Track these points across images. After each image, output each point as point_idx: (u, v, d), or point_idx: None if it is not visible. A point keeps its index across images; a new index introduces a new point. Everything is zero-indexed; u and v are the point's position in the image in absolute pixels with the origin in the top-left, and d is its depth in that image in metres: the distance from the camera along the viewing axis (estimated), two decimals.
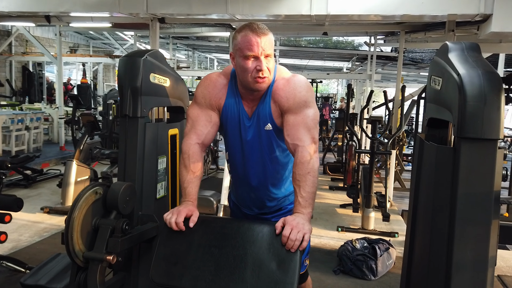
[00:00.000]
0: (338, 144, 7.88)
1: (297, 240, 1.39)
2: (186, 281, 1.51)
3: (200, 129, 1.68)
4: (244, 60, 1.52)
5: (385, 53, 11.25)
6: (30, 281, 2.35)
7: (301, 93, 1.59)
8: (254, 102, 1.65)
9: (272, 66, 1.56)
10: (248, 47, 1.50)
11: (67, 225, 1.55)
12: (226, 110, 1.68)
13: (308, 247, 1.96)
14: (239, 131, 1.70)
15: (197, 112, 1.69)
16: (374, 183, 5.79)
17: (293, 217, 1.44)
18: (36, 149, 7.96)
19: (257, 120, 1.66)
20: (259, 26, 1.52)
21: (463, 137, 1.23)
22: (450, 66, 1.38)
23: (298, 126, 1.57)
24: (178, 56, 15.71)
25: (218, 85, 1.68)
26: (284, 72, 1.68)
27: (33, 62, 12.46)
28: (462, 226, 1.23)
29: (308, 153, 1.53)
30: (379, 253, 3.28)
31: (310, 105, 1.60)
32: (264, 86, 1.57)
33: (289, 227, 1.39)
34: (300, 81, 1.63)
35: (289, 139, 1.57)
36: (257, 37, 1.49)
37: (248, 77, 1.55)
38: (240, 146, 1.73)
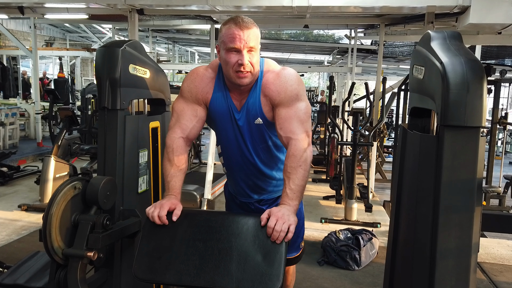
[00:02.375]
0: (321, 137, 7.92)
1: (282, 232, 1.38)
2: (170, 276, 1.48)
3: (185, 123, 1.65)
4: (227, 53, 1.51)
5: (365, 46, 11.34)
6: (7, 280, 2.26)
7: (293, 86, 1.58)
8: (242, 95, 1.63)
9: (256, 60, 1.54)
10: (230, 40, 1.49)
11: (45, 222, 1.50)
12: (213, 104, 1.65)
13: (302, 231, 2.03)
14: (231, 121, 1.68)
15: (182, 106, 1.67)
16: (356, 174, 5.86)
17: (278, 208, 1.43)
18: (13, 145, 7.74)
19: (246, 114, 1.64)
20: (244, 19, 1.51)
21: (447, 125, 1.24)
22: (432, 54, 1.38)
23: (291, 119, 1.56)
24: (158, 49, 15.48)
25: (205, 79, 1.66)
26: (273, 65, 1.66)
27: (7, 56, 12.08)
28: (446, 213, 1.24)
29: (301, 145, 1.52)
30: (362, 243, 3.31)
31: (301, 98, 1.60)
32: (246, 81, 1.55)
33: (274, 218, 1.39)
34: (291, 74, 1.61)
35: (282, 133, 1.56)
36: (240, 30, 1.48)
37: (230, 71, 1.54)
38: (234, 135, 1.71)
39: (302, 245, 2.06)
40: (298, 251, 2.05)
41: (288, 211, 1.42)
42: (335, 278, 3.10)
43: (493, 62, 12.15)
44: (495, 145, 5.47)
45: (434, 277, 1.26)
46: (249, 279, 1.42)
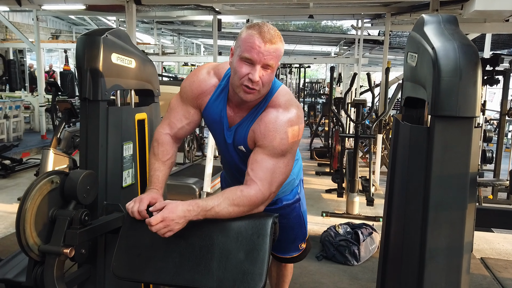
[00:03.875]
0: (325, 129, 7.81)
1: (158, 232, 1.31)
2: (148, 274, 1.42)
3: (174, 122, 1.58)
4: (240, 61, 1.35)
5: (372, 37, 11.15)
6: None
7: (283, 140, 1.40)
8: (240, 112, 1.49)
9: (268, 79, 1.37)
10: (248, 48, 1.32)
11: (18, 217, 1.44)
12: (207, 112, 1.55)
13: (302, 232, 1.94)
14: (222, 135, 1.58)
15: (177, 104, 1.59)
16: (361, 167, 5.75)
17: (176, 206, 1.31)
18: (17, 138, 7.76)
19: (234, 136, 1.53)
20: (270, 31, 1.33)
21: (437, 115, 1.14)
22: (425, 40, 1.28)
23: (267, 169, 1.39)
24: (164, 41, 15.41)
25: (203, 85, 1.53)
26: (282, 99, 1.45)
27: (14, 49, 12.12)
28: (436, 210, 1.16)
29: (261, 198, 1.40)
30: (362, 238, 3.23)
31: (286, 154, 1.42)
32: (250, 97, 1.38)
33: (160, 217, 1.30)
34: (290, 124, 1.41)
35: (252, 173, 1.40)
36: (262, 42, 1.30)
37: (237, 81, 1.37)
38: (224, 145, 1.62)
39: (302, 246, 1.98)
40: (297, 251, 1.97)
41: (183, 216, 1.31)
42: (333, 273, 3.02)
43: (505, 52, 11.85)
44: (503, 137, 5.31)
45: (423, 278, 1.17)
46: (230, 278, 1.35)
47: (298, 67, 13.06)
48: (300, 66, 12.86)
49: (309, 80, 18.80)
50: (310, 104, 11.49)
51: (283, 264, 2.07)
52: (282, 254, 1.97)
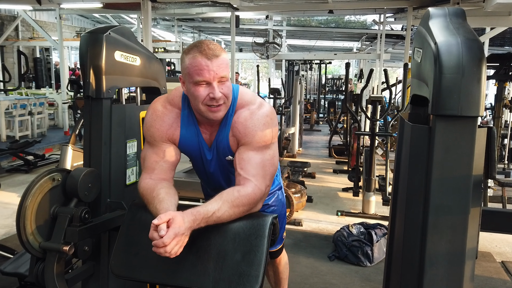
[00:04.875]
0: (344, 126, 7.68)
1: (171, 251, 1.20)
2: (146, 273, 1.41)
3: (149, 167, 1.47)
4: (195, 86, 1.34)
5: (395, 32, 10.88)
6: (9, 268, 2.29)
7: (264, 132, 1.41)
8: (213, 128, 1.48)
9: (228, 90, 1.38)
10: (197, 72, 1.31)
11: (18, 214, 1.46)
12: (183, 143, 1.50)
13: (285, 222, 1.97)
14: (202, 163, 1.56)
15: (145, 151, 1.50)
16: (380, 165, 5.63)
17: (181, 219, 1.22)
18: (41, 134, 7.98)
19: (217, 152, 1.51)
20: (209, 46, 1.33)
21: (438, 114, 1.08)
22: (429, 34, 1.21)
23: (256, 164, 1.39)
24: (184, 38, 15.52)
25: (166, 119, 1.47)
26: (248, 99, 1.47)
27: (40, 47, 12.46)
28: (436, 214, 1.10)
29: (259, 194, 1.37)
30: (375, 238, 3.15)
31: (270, 145, 1.44)
32: (220, 114, 1.39)
33: (173, 234, 1.18)
34: (265, 116, 1.43)
35: (243, 173, 1.38)
36: (208, 60, 1.30)
37: (200, 105, 1.37)
38: (204, 172, 1.61)
39: (284, 235, 2.00)
40: (281, 242, 1.98)
41: (190, 227, 1.24)
42: (344, 274, 2.96)
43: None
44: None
45: (422, 285, 1.12)
46: (226, 279, 1.33)
47: (318, 63, 12.90)
48: (321, 62, 12.70)
49: (331, 77, 18.57)
50: (330, 101, 11.34)
51: (277, 261, 2.06)
52: (272, 248, 1.95)
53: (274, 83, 11.06)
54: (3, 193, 4.65)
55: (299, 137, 7.56)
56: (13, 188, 4.93)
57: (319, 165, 6.62)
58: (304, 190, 4.24)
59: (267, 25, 9.87)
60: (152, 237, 1.19)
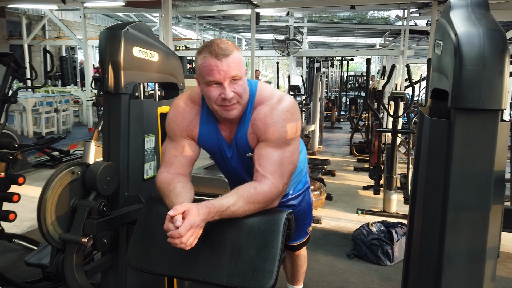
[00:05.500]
0: (366, 123, 7.58)
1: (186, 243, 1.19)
2: (161, 266, 1.42)
3: (168, 161, 1.48)
4: (207, 86, 1.34)
5: (419, 27, 10.63)
6: (33, 259, 2.37)
7: (284, 128, 1.38)
8: (232, 126, 1.48)
9: (242, 89, 1.35)
10: (208, 72, 1.31)
11: (39, 206, 1.50)
12: (202, 140, 1.51)
13: (310, 217, 1.98)
14: (223, 160, 1.56)
15: (166, 145, 1.52)
16: (403, 163, 5.52)
17: (197, 211, 1.21)
18: (66, 130, 8.19)
19: (237, 150, 1.50)
20: (220, 45, 1.31)
21: (458, 107, 1.04)
22: (450, 26, 1.17)
23: (274, 161, 1.37)
24: (206, 36, 15.61)
25: (187, 116, 1.49)
26: (267, 94, 1.44)
27: (66, 46, 12.78)
28: (455, 211, 1.06)
29: (275, 192, 1.35)
30: (395, 237, 3.09)
31: (291, 142, 1.40)
32: (234, 113, 1.38)
33: (188, 226, 1.18)
34: (285, 112, 1.40)
35: (261, 169, 1.37)
36: (217, 60, 1.29)
37: (213, 105, 1.37)
38: (226, 168, 1.61)
39: (309, 230, 2.01)
40: (305, 236, 2.00)
41: (204, 219, 1.23)
42: (364, 272, 2.92)
43: None
44: None
45: (440, 284, 1.09)
46: (241, 274, 1.33)
47: (340, 60, 12.75)
48: (342, 58, 12.55)
49: (353, 73, 18.34)
50: (352, 98, 11.20)
51: (296, 254, 2.06)
52: (293, 242, 1.97)
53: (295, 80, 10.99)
54: (29, 188, 4.79)
55: (319, 135, 7.49)
56: (39, 183, 5.08)
57: (340, 163, 6.55)
58: (323, 187, 4.20)
59: (288, 22, 9.82)
60: (167, 228, 1.19)
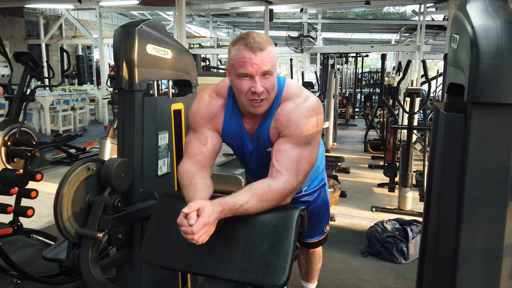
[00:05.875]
0: (381, 120, 7.49)
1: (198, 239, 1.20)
2: (175, 261, 1.44)
3: (191, 152, 1.49)
4: (238, 79, 1.34)
5: (436, 22, 10.45)
6: (50, 254, 2.41)
7: (306, 127, 1.37)
8: (255, 119, 1.48)
9: (271, 85, 1.36)
10: (241, 64, 1.31)
11: (55, 202, 1.52)
12: (226, 132, 1.51)
13: (327, 215, 1.97)
14: (243, 153, 1.57)
15: (190, 137, 1.53)
16: (418, 161, 5.45)
17: (211, 208, 1.21)
18: (82, 128, 8.31)
19: (257, 144, 1.51)
20: (255, 39, 1.31)
21: (475, 102, 1.02)
22: (466, 19, 1.15)
23: (292, 158, 1.36)
24: (219, 34, 15.65)
25: (211, 108, 1.49)
26: (293, 91, 1.44)
27: (82, 45, 12.98)
28: (471, 207, 1.04)
29: (288, 189, 1.35)
30: (411, 235, 3.05)
31: (311, 141, 1.39)
32: (262, 109, 1.39)
33: (202, 225, 1.18)
34: (310, 110, 1.39)
35: (277, 164, 1.37)
36: (252, 54, 1.29)
37: (243, 99, 1.37)
38: (246, 162, 1.62)
39: (327, 229, 2.00)
40: (322, 234, 1.99)
41: (217, 217, 1.23)
42: (378, 270, 2.89)
43: None
44: None
45: (456, 281, 1.07)
46: (253, 270, 1.33)
47: (354, 56, 12.63)
48: (357, 55, 12.42)
49: (368, 70, 18.15)
50: (367, 95, 11.08)
51: (310, 251, 2.05)
52: (308, 240, 1.96)
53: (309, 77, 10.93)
54: (47, 184, 4.89)
55: (333, 132, 7.44)
56: (57, 180, 5.17)
57: (354, 160, 6.49)
58: (337, 184, 4.17)
59: (302, 19, 9.76)
60: (181, 223, 1.20)
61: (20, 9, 11.93)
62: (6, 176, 2.19)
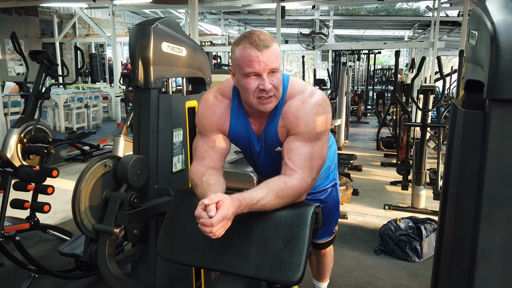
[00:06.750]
0: (394, 118, 7.43)
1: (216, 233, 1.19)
2: (190, 257, 1.45)
3: (200, 156, 1.50)
4: (245, 78, 1.33)
5: (450, 18, 10.30)
6: (66, 249, 2.45)
7: (316, 123, 1.37)
8: (262, 119, 1.48)
9: (278, 82, 1.35)
10: (247, 63, 1.30)
11: (74, 197, 1.55)
12: (232, 133, 1.51)
13: (337, 216, 1.96)
14: (251, 154, 1.57)
15: (197, 141, 1.53)
16: (432, 159, 5.39)
17: (230, 203, 1.20)
18: (96, 125, 8.42)
19: (265, 144, 1.50)
20: (260, 36, 1.30)
21: (495, 98, 1.01)
22: (486, 14, 1.13)
23: (304, 155, 1.36)
24: (230, 31, 15.66)
25: (217, 110, 1.49)
26: (298, 88, 1.43)
27: (95, 44, 13.11)
28: (490, 205, 1.03)
29: (304, 187, 1.35)
30: (424, 233, 3.03)
31: (321, 136, 1.39)
32: (271, 106, 1.38)
33: (221, 218, 1.17)
34: (317, 106, 1.38)
35: (290, 163, 1.36)
36: (258, 51, 1.28)
37: (250, 98, 1.36)
38: (254, 162, 1.62)
39: (335, 229, 1.99)
40: (331, 235, 1.98)
41: (234, 212, 1.22)
42: (391, 268, 2.88)
43: None
44: None
45: (474, 280, 1.06)
46: (268, 266, 1.34)
47: (367, 53, 12.53)
48: (369, 52, 12.32)
49: (380, 67, 17.99)
50: (379, 92, 10.99)
51: (322, 252, 2.05)
52: (318, 240, 1.96)
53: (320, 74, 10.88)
54: (62, 181, 4.96)
55: (345, 129, 7.40)
56: (71, 176, 5.25)
57: (366, 158, 6.45)
58: (349, 182, 4.15)
59: (314, 16, 9.71)
60: (199, 215, 1.18)
61: (35, 8, 12.10)
62: (25, 173, 2.23)
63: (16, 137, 4.94)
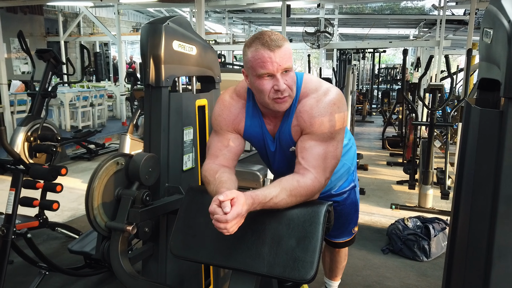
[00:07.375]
0: (399, 117, 7.41)
1: (229, 229, 1.18)
2: (203, 254, 1.46)
3: (213, 154, 1.50)
4: (259, 79, 1.32)
5: (456, 17, 10.25)
6: (76, 247, 2.46)
7: (331, 122, 1.36)
8: (276, 119, 1.48)
9: (292, 81, 1.35)
10: (260, 64, 1.29)
11: (87, 195, 1.56)
12: (248, 133, 1.52)
13: (356, 217, 1.96)
14: (266, 154, 1.58)
15: (212, 139, 1.54)
16: (439, 158, 5.37)
17: (244, 200, 1.20)
18: (101, 124, 8.44)
19: (280, 144, 1.50)
20: (271, 37, 1.30)
21: (511, 97, 1.01)
22: (502, 12, 1.13)
23: (318, 155, 1.36)
24: (235, 30, 15.65)
25: (233, 109, 1.50)
26: (312, 86, 1.42)
27: (100, 42, 13.15)
28: (507, 204, 1.02)
29: (317, 186, 1.35)
30: (433, 233, 3.02)
31: (335, 136, 1.38)
32: (286, 105, 1.37)
33: (236, 214, 1.17)
34: (332, 104, 1.37)
35: (303, 162, 1.36)
36: (271, 52, 1.27)
37: (265, 99, 1.35)
38: (269, 162, 1.63)
39: (355, 230, 1.98)
40: (350, 235, 1.98)
41: (248, 210, 1.23)
42: (399, 268, 2.88)
43: None
44: None
45: (490, 280, 1.06)
46: (281, 264, 1.34)
47: (372, 52, 12.49)
48: (374, 50, 12.29)
49: (385, 66, 17.94)
50: (384, 91, 10.96)
51: (336, 250, 2.05)
52: (335, 239, 1.96)
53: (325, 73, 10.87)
54: (68, 179, 4.98)
55: (350, 128, 7.39)
56: (77, 174, 5.27)
57: (372, 157, 6.44)
58: None
59: (319, 14, 9.69)
60: (214, 211, 1.18)
61: (40, 7, 12.15)
62: (37, 171, 2.24)
63: (23, 135, 4.97)
